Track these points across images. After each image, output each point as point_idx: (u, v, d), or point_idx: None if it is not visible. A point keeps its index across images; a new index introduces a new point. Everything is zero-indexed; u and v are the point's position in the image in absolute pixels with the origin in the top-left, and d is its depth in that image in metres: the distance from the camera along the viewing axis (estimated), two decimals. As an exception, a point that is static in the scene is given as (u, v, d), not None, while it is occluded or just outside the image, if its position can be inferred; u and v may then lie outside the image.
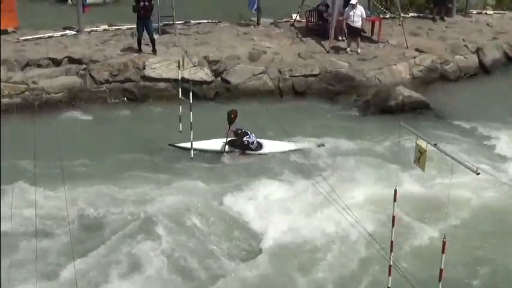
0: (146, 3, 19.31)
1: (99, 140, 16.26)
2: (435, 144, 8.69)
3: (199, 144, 15.12)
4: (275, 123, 15.28)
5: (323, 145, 15.70)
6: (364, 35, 21.88)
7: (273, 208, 13.25)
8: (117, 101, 18.93)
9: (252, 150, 15.46)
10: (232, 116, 15.39)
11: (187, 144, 14.85)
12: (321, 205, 12.94)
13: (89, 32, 21.75)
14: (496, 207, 13.52)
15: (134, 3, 19.32)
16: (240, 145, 15.42)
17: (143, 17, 19.43)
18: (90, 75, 18.95)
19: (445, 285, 9.28)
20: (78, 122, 17.54)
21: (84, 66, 19.12)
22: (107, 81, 18.94)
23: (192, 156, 14.60)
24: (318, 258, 11.92)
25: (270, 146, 15.68)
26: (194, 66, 18.56)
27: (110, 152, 15.48)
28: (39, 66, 19.04)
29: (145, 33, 19.67)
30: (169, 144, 14.94)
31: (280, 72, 19.76)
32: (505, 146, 16.14)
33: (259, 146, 15.53)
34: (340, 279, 11.40)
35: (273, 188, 13.97)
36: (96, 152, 15.47)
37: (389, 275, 10.38)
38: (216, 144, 15.50)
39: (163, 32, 21.33)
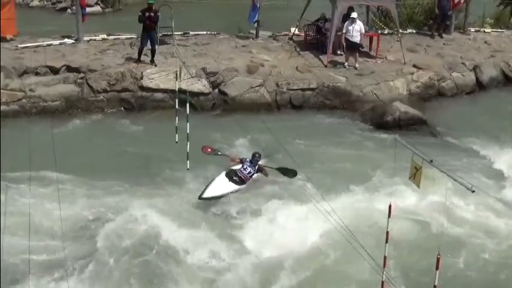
0: (152, 14, 19.34)
1: (94, 149, 16.23)
2: (431, 161, 8.70)
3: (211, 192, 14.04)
4: (271, 137, 15.23)
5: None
6: (362, 50, 21.94)
7: (266, 221, 13.24)
8: (114, 110, 18.92)
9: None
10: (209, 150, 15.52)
11: (216, 192, 14.01)
12: (314, 220, 12.88)
13: (88, 41, 21.78)
14: (491, 225, 13.52)
15: (140, 14, 19.35)
16: (237, 177, 14.57)
17: (148, 28, 19.46)
18: (88, 84, 18.95)
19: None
20: (75, 130, 17.51)
21: (82, 75, 19.13)
22: (105, 91, 18.94)
23: (188, 167, 14.56)
24: (311, 274, 11.90)
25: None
26: (192, 77, 18.58)
27: (106, 162, 15.45)
28: (37, 74, 19.04)
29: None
30: (200, 198, 13.76)
31: (277, 85, 19.79)
32: (501, 163, 16.15)
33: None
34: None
35: (266, 201, 13.95)
36: (92, 162, 15.44)
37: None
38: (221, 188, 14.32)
39: (162, 42, 21.36)
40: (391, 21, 23.97)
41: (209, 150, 15.48)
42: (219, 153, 15.54)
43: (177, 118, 14.82)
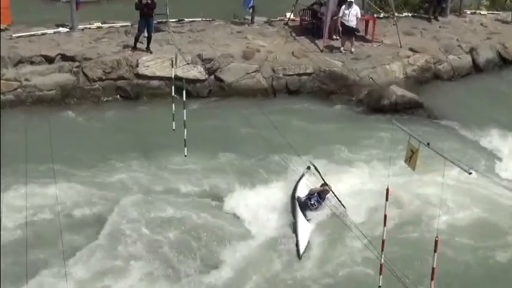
0: (149, 1, 19.22)
1: (91, 138, 16.22)
2: (428, 144, 8.70)
3: None
4: (268, 123, 15.26)
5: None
6: (358, 34, 21.85)
7: (264, 206, 13.26)
8: (110, 98, 18.86)
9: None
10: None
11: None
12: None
13: (82, 30, 21.64)
14: (488, 206, 13.55)
15: (137, 1, 19.23)
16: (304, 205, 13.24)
17: (146, 15, 19.34)
18: (83, 72, 18.86)
19: (438, 284, 9.29)
20: (71, 119, 17.46)
21: (77, 63, 19.02)
22: (100, 79, 18.87)
23: (185, 154, 14.55)
24: (309, 256, 11.93)
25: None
26: (188, 64, 18.55)
27: (102, 150, 15.43)
28: (32, 63, 18.94)
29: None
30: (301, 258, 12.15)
31: (273, 71, 19.74)
32: (498, 145, 16.19)
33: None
34: (331, 277, 11.41)
35: (264, 187, 13.97)
36: (88, 150, 15.44)
37: (380, 273, 10.38)
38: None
39: (157, 29, 21.24)
40: (387, 5, 23.85)
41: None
42: None
43: (173, 105, 14.79)
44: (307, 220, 12.80)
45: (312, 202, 13.07)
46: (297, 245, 12.18)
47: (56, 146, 13.82)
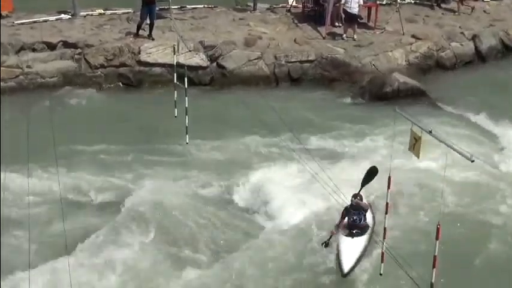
0: None
1: (93, 124, 16.22)
2: (430, 131, 8.68)
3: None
4: (270, 110, 15.19)
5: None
6: (360, 21, 21.77)
7: (267, 193, 13.27)
8: (112, 85, 18.86)
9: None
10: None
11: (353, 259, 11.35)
12: (315, 192, 12.92)
13: (84, 16, 21.61)
14: (490, 194, 13.54)
15: None
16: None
17: (149, 2, 19.28)
18: (85, 59, 18.86)
19: (439, 272, 9.31)
20: (73, 106, 17.47)
21: (79, 50, 19.03)
22: (102, 66, 18.87)
23: (187, 141, 14.54)
24: (311, 244, 11.94)
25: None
26: (190, 51, 18.45)
27: (104, 137, 15.45)
28: (33, 50, 18.95)
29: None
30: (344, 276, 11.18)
31: (275, 58, 19.70)
32: (500, 133, 16.15)
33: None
34: (332, 264, 11.43)
35: (267, 173, 13.98)
36: (90, 137, 15.45)
37: (382, 261, 10.41)
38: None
39: (159, 16, 21.19)
40: (390, -8, 23.78)
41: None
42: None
43: (175, 92, 14.77)
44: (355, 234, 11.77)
45: (354, 218, 11.90)
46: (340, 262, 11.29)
47: (58, 133, 13.73)
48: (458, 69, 21.00)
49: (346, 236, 11.70)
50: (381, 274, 10.48)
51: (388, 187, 9.94)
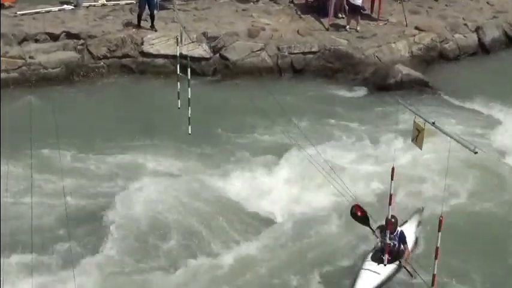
0: None
1: (96, 115, 16.24)
2: (433, 123, 8.68)
3: None
4: (273, 101, 15.20)
5: None
6: (364, 12, 21.71)
7: (270, 184, 13.30)
8: (115, 76, 18.83)
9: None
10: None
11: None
12: (318, 182, 12.96)
13: (87, 7, 21.55)
14: (494, 185, 13.54)
15: None
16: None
17: None
18: (88, 50, 18.84)
19: (441, 264, 9.33)
20: (76, 97, 17.47)
21: (82, 41, 19.00)
22: (105, 57, 18.85)
23: (189, 132, 14.54)
24: (314, 239, 11.96)
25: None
26: (193, 42, 18.43)
27: (107, 128, 15.47)
28: (36, 41, 18.92)
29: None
30: None
31: (278, 49, 19.66)
32: (503, 124, 16.14)
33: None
34: (337, 256, 11.45)
35: (269, 164, 14.00)
36: (93, 128, 15.47)
37: (386, 252, 10.42)
38: None
39: (162, 7, 21.15)
40: (393, -17, 23.69)
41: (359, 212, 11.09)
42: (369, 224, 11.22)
43: (178, 83, 14.77)
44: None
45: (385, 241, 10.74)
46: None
47: (61, 124, 13.78)
48: (462, 61, 20.94)
49: (372, 259, 10.73)
50: (384, 265, 10.49)
51: (392, 178, 9.95)
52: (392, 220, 10.48)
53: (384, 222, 10.54)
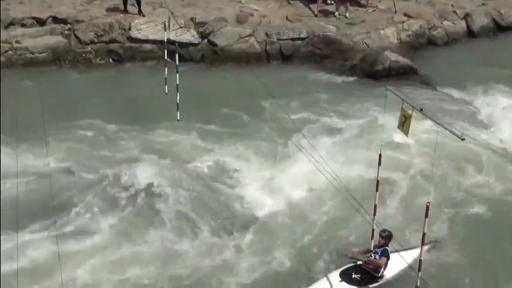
0: None
1: (83, 101, 16.12)
2: (421, 109, 8.68)
3: None
4: (261, 87, 15.18)
5: None
6: (353, -1, 21.72)
7: (258, 170, 13.28)
8: (102, 61, 18.76)
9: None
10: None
11: None
12: (306, 169, 12.94)
13: (75, -9, 21.41)
14: (481, 171, 13.59)
15: None
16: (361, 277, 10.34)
17: None
18: (75, 35, 18.74)
19: (428, 249, 9.37)
20: (63, 82, 17.36)
21: (69, 26, 18.89)
22: (92, 42, 18.74)
23: (178, 118, 14.50)
24: (304, 221, 11.98)
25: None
26: (181, 27, 18.33)
27: (94, 113, 15.36)
28: (23, 25, 18.79)
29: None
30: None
31: (267, 35, 19.60)
32: (490, 111, 16.19)
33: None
34: (325, 242, 11.47)
35: (258, 151, 13.98)
36: (80, 113, 15.36)
37: (372, 238, 10.45)
38: None
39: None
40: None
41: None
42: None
43: (166, 69, 14.71)
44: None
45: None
46: None
47: (47, 109, 13.71)
48: (450, 48, 20.98)
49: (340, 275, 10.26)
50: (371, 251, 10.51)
51: (379, 164, 9.96)
52: (387, 234, 10.19)
53: (372, 211, 10.49)
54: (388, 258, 10.13)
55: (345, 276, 10.25)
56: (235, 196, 12.76)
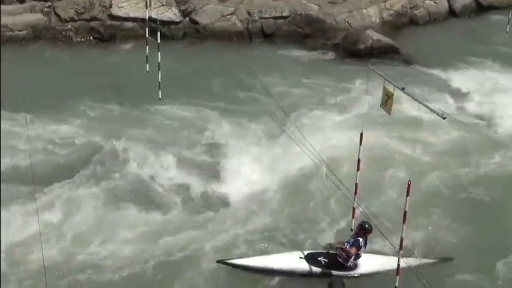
0: None
1: (63, 79, 16.00)
2: (403, 88, 8.70)
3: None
4: (244, 66, 15.13)
5: None
6: (335, -23, 21.63)
7: (241, 150, 13.27)
8: (83, 40, 18.61)
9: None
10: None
11: (238, 261, 10.33)
12: (287, 148, 12.97)
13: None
14: (461, 150, 13.68)
15: None
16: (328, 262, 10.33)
17: None
18: (55, 13, 18.56)
19: (409, 227, 9.42)
20: (43, 60, 17.21)
21: (48, 3, 18.71)
22: (72, 20, 18.57)
23: (160, 97, 14.42)
24: (286, 200, 11.99)
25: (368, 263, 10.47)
26: (162, 5, 18.25)
27: (75, 92, 15.25)
28: (1, 2, 18.53)
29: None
30: (218, 261, 10.30)
31: (249, 13, 19.51)
32: (471, 89, 16.27)
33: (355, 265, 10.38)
34: (305, 220, 11.50)
35: (240, 130, 13.97)
36: (60, 92, 15.26)
37: (353, 217, 10.50)
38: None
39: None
40: None
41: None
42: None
43: (147, 47, 14.61)
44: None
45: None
46: None
47: (28, 88, 13.61)
48: (432, 27, 21.02)
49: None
50: (352, 229, 10.57)
51: (360, 143, 9.99)
52: (367, 226, 10.09)
53: (353, 189, 10.52)
54: (358, 249, 10.04)
55: (311, 256, 10.31)
56: (216, 172, 12.73)
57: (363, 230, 10.12)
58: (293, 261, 10.27)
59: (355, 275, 10.29)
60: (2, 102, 12.95)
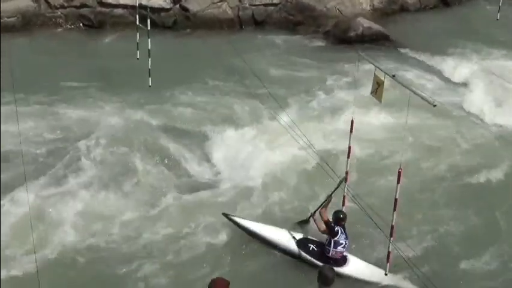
0: None
1: (53, 66, 15.90)
2: (393, 76, 8.71)
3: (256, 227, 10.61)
4: (234, 54, 15.11)
5: None
6: (326, -36, 21.57)
7: (231, 138, 13.26)
8: (72, 27, 18.53)
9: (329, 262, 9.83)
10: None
11: (241, 221, 10.57)
12: (279, 136, 12.96)
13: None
14: (452, 138, 13.72)
15: None
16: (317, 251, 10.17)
17: None
18: (45, -1, 18.46)
19: (399, 214, 9.45)
20: (33, 47, 17.12)
21: (38, -11, 18.59)
22: (62, 6, 18.46)
23: (150, 84, 14.38)
24: (276, 188, 11.98)
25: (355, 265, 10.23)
26: (152, -8, 18.17)
27: (64, 80, 15.19)
28: (-10, -11, 18.44)
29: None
30: (223, 214, 10.63)
31: (240, 0, 19.46)
32: (462, 76, 16.33)
33: (343, 260, 10.12)
34: (292, 209, 11.50)
35: (230, 118, 13.97)
36: (50, 79, 15.18)
37: (343, 205, 10.50)
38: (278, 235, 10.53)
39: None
40: None
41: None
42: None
43: (138, 34, 14.56)
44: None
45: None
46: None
47: (17, 76, 13.52)
48: (423, 14, 21.04)
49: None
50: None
51: (351, 130, 10.00)
52: (341, 216, 9.94)
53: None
54: (330, 230, 9.87)
55: (301, 242, 10.26)
56: (206, 158, 12.76)
57: (339, 220, 9.94)
58: (287, 240, 10.29)
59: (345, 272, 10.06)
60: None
